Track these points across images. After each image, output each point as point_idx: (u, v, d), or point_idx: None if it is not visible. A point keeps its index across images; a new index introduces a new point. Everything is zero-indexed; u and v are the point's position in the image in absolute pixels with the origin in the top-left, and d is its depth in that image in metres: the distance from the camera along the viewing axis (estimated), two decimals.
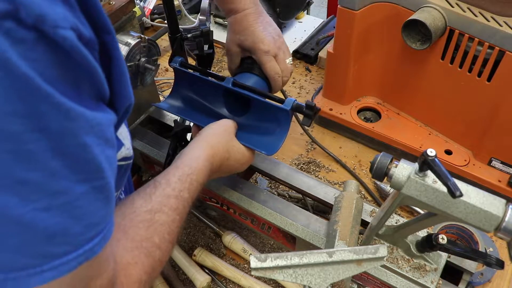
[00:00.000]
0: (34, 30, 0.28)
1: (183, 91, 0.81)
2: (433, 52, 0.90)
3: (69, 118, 0.32)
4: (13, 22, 0.27)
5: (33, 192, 0.31)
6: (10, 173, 0.30)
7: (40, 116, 0.30)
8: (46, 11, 0.28)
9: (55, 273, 0.34)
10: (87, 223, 0.36)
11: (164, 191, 0.55)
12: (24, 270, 0.33)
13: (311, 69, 1.31)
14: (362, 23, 0.94)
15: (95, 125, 0.34)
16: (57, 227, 0.33)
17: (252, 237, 0.93)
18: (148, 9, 1.39)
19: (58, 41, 0.30)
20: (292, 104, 0.70)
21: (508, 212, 0.51)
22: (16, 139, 0.29)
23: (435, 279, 0.65)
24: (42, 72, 0.29)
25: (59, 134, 0.31)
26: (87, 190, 0.35)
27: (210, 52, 0.81)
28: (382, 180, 0.59)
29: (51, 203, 0.32)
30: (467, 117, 0.94)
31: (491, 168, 0.94)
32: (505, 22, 0.79)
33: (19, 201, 0.31)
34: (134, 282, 0.46)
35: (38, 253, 0.33)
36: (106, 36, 0.37)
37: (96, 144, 0.35)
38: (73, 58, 0.31)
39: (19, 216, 0.31)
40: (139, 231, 0.50)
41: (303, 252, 0.48)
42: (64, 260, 0.34)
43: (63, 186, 0.33)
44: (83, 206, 0.35)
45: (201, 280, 0.83)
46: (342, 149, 1.08)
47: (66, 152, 0.32)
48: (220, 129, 0.70)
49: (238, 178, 0.83)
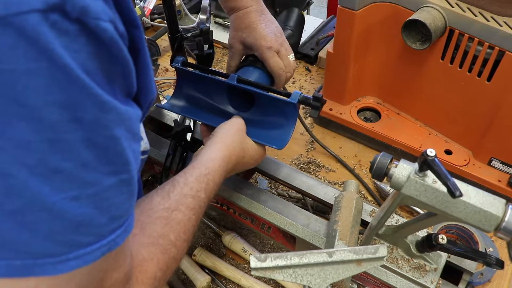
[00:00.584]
0: (77, 22, 0.29)
1: (186, 91, 0.81)
2: (433, 52, 0.90)
3: (103, 110, 0.33)
4: (59, 15, 0.28)
5: (65, 181, 0.32)
6: (46, 161, 0.31)
7: (77, 106, 0.31)
8: (89, 4, 0.29)
9: (80, 262, 0.35)
10: (112, 215, 0.36)
11: (182, 190, 0.56)
12: (51, 257, 0.34)
13: (311, 69, 1.31)
14: (362, 23, 0.94)
15: (125, 119, 0.35)
16: (85, 217, 0.34)
17: (252, 237, 0.93)
18: (148, 9, 1.39)
19: (98, 33, 0.31)
20: (299, 97, 0.71)
21: (508, 212, 0.51)
22: (54, 128, 0.30)
23: (435, 279, 0.65)
24: (82, 63, 0.30)
25: (93, 125, 0.32)
26: (115, 182, 0.36)
27: (210, 52, 0.81)
28: (382, 180, 0.59)
29: (81, 193, 0.33)
30: (467, 117, 0.94)
31: (491, 168, 0.94)
32: (505, 22, 0.79)
33: (51, 189, 0.32)
34: (148, 278, 0.46)
35: (65, 241, 0.34)
36: (134, 30, 0.37)
37: (125, 138, 0.35)
38: (110, 50, 0.32)
39: (51, 204, 0.32)
40: (156, 227, 0.50)
41: (303, 252, 0.48)
42: (89, 249, 0.35)
43: (93, 177, 0.34)
44: (109, 198, 0.36)
45: (201, 280, 0.83)
46: (342, 149, 1.08)
47: (97, 144, 0.33)
48: (233, 128, 0.70)
49: (238, 178, 0.83)
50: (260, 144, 0.73)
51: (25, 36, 0.27)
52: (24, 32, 0.27)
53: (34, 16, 0.27)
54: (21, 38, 0.27)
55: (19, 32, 0.27)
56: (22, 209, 0.31)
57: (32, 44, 0.28)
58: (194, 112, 0.80)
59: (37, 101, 0.29)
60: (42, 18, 0.27)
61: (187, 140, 0.86)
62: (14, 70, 0.28)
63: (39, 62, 0.28)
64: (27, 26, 0.27)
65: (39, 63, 0.28)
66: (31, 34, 0.27)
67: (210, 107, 0.79)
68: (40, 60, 0.28)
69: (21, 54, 0.27)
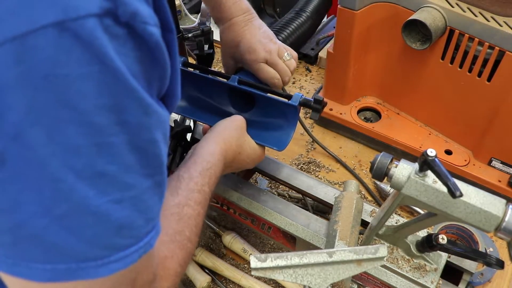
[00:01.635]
0: (126, 26, 0.30)
1: (187, 91, 0.81)
2: (433, 52, 0.90)
3: (146, 113, 0.33)
4: (111, 19, 0.28)
5: (108, 184, 0.32)
6: (92, 165, 0.31)
7: (123, 109, 0.31)
8: (139, 9, 0.30)
9: (120, 265, 0.35)
10: (148, 217, 0.37)
11: (188, 185, 0.57)
12: (94, 261, 0.34)
13: (311, 69, 1.31)
14: (362, 23, 0.94)
15: (162, 122, 0.36)
16: (126, 220, 0.34)
17: (252, 237, 0.93)
18: None
19: (145, 37, 0.31)
20: (300, 99, 0.71)
21: (508, 212, 0.51)
22: (102, 132, 0.31)
23: (435, 279, 0.65)
24: (130, 67, 0.31)
25: (137, 129, 0.33)
26: (151, 184, 0.36)
27: (211, 52, 0.81)
28: (382, 180, 0.59)
29: (123, 195, 0.34)
30: (467, 117, 0.94)
31: (491, 168, 0.94)
32: (505, 22, 0.79)
33: (97, 193, 0.32)
34: (171, 275, 0.47)
35: (108, 245, 0.34)
36: (168, 34, 0.37)
37: (162, 140, 0.36)
38: (154, 54, 0.33)
39: (95, 207, 0.32)
40: (171, 224, 0.51)
41: (303, 252, 0.48)
42: (127, 252, 0.35)
43: (133, 180, 0.34)
44: (146, 200, 0.36)
45: (201, 280, 0.83)
46: (342, 149, 1.08)
47: (140, 147, 0.34)
48: (232, 124, 0.70)
49: (238, 178, 0.83)
50: (260, 144, 0.73)
51: (81, 40, 0.27)
52: (81, 36, 0.27)
53: (90, 21, 0.27)
54: (77, 43, 0.27)
55: (75, 37, 0.27)
56: (68, 213, 0.31)
57: (87, 48, 0.28)
58: (195, 112, 0.80)
59: (87, 105, 0.29)
60: (97, 23, 0.28)
61: (187, 140, 0.86)
62: (68, 74, 0.28)
63: (92, 66, 0.28)
64: (84, 31, 0.27)
65: (92, 67, 0.28)
66: (87, 39, 0.27)
67: (211, 108, 0.79)
68: (93, 64, 0.28)
69: (76, 59, 0.28)
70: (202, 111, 0.80)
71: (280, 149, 0.72)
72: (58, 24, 0.26)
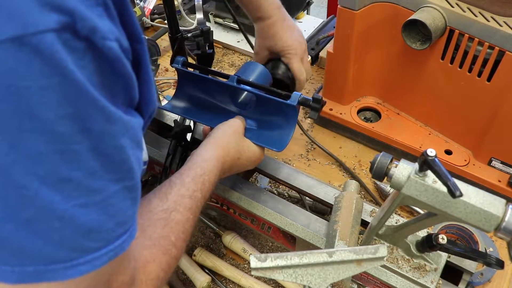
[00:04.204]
0: (85, 40, 0.31)
1: (187, 91, 0.81)
2: (433, 52, 0.90)
3: (110, 121, 0.34)
4: (70, 33, 0.30)
5: (74, 189, 0.34)
6: (57, 171, 0.32)
7: (86, 118, 0.32)
8: (97, 24, 0.31)
9: (89, 267, 0.36)
10: (118, 220, 0.38)
11: (179, 191, 0.57)
12: (62, 263, 0.35)
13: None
14: (362, 23, 0.94)
15: (129, 128, 0.37)
16: (93, 223, 0.35)
17: (252, 237, 0.93)
18: (148, 9, 1.39)
19: (104, 51, 0.32)
20: (298, 98, 0.71)
21: (508, 212, 0.51)
22: (65, 140, 0.32)
23: (435, 279, 0.65)
24: (89, 78, 0.32)
25: (100, 136, 0.34)
26: (120, 189, 0.37)
27: (211, 52, 0.81)
28: (382, 180, 0.59)
29: (89, 200, 0.35)
30: (467, 117, 0.94)
31: (491, 168, 0.94)
32: (505, 22, 0.79)
33: (62, 198, 0.33)
34: (152, 279, 0.48)
35: (75, 247, 0.35)
36: (137, 44, 0.39)
37: (130, 146, 0.37)
38: (114, 66, 0.34)
39: (61, 212, 0.33)
40: (156, 229, 0.51)
41: (303, 252, 0.48)
42: (97, 255, 0.37)
43: (99, 185, 0.35)
44: (115, 204, 0.37)
45: (201, 280, 0.83)
46: (342, 149, 1.08)
47: (104, 153, 0.35)
48: (230, 130, 0.71)
49: (238, 178, 0.83)
50: (259, 145, 0.73)
51: (40, 54, 0.28)
52: (40, 50, 0.28)
53: (49, 36, 0.29)
54: (36, 56, 0.28)
55: (35, 51, 0.28)
56: (35, 218, 0.32)
57: (46, 61, 0.29)
58: (195, 113, 0.80)
59: (49, 114, 0.30)
60: (55, 37, 0.29)
61: (187, 140, 0.86)
62: (29, 86, 0.29)
63: (52, 78, 0.29)
64: (43, 45, 0.28)
65: (52, 78, 0.29)
66: (46, 52, 0.29)
67: (213, 107, 0.79)
68: (53, 76, 0.29)
69: (36, 71, 0.29)
70: (203, 111, 0.80)
71: (279, 149, 0.72)
72: (16, 39, 0.28)
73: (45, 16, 0.28)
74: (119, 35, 0.34)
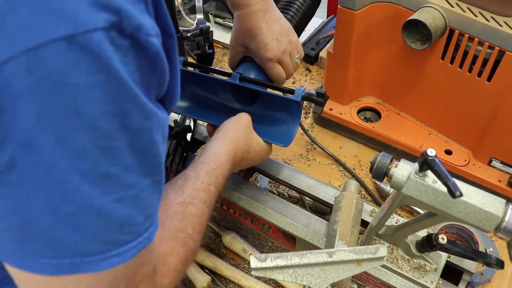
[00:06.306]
0: (129, 38, 0.32)
1: (189, 90, 0.81)
2: (433, 52, 0.90)
3: (147, 117, 0.35)
4: (116, 31, 0.31)
5: (111, 185, 0.35)
6: (97, 167, 0.33)
7: (126, 115, 0.33)
8: (141, 22, 0.32)
9: (121, 259, 0.37)
10: (147, 213, 0.39)
11: (194, 185, 0.58)
12: (96, 255, 0.36)
13: (311, 69, 1.31)
14: (362, 23, 0.94)
15: (161, 124, 0.38)
16: (127, 217, 0.37)
17: (252, 237, 0.93)
18: None
19: (147, 47, 0.33)
20: (302, 93, 0.71)
21: (508, 212, 0.51)
22: (106, 136, 0.33)
23: (435, 279, 0.65)
24: (132, 74, 0.33)
25: (138, 132, 0.35)
26: (150, 183, 0.38)
27: (210, 52, 0.81)
28: (382, 180, 0.59)
29: (124, 195, 0.36)
30: (467, 117, 0.94)
31: (491, 168, 0.94)
32: (505, 22, 0.79)
33: (100, 193, 0.34)
34: (170, 271, 0.49)
35: (109, 240, 0.36)
36: (168, 39, 0.39)
37: (160, 141, 0.39)
38: (154, 62, 0.35)
39: (99, 206, 0.34)
40: (173, 222, 0.53)
41: (303, 252, 0.48)
42: (128, 247, 0.38)
43: (134, 180, 0.36)
44: (146, 198, 0.38)
45: (201, 280, 0.83)
46: (342, 149, 1.08)
47: (140, 149, 0.36)
48: (239, 123, 0.71)
49: (238, 178, 0.83)
50: (266, 141, 0.74)
51: (89, 52, 0.29)
52: (89, 49, 0.29)
53: (98, 34, 0.29)
54: (85, 54, 0.29)
55: (84, 49, 0.29)
56: (74, 212, 0.34)
57: (94, 59, 0.30)
58: (198, 112, 0.80)
59: (94, 111, 0.31)
60: (104, 36, 0.30)
61: (187, 140, 0.86)
62: (77, 84, 0.30)
63: (98, 75, 0.30)
64: (92, 44, 0.29)
65: (98, 76, 0.30)
66: (95, 51, 0.29)
67: (215, 105, 0.79)
68: (99, 73, 0.30)
69: (84, 69, 0.30)
70: (205, 110, 0.80)
71: (285, 145, 0.73)
72: (67, 38, 0.28)
73: (94, 15, 0.29)
74: (158, 30, 0.35)
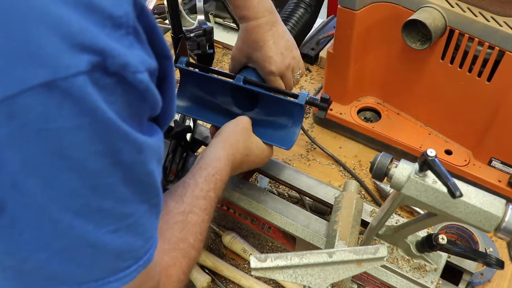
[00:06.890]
0: (114, 76, 0.30)
1: (190, 91, 0.81)
2: (433, 52, 0.90)
3: (140, 151, 0.34)
4: (100, 72, 0.29)
5: (105, 218, 0.34)
6: (89, 204, 0.33)
7: (117, 152, 0.32)
8: (129, 59, 0.31)
9: (120, 283, 0.37)
10: (146, 237, 0.39)
11: (193, 192, 0.58)
12: (94, 282, 0.36)
13: (311, 69, 1.31)
14: (362, 23, 0.94)
15: (155, 150, 0.37)
16: (124, 245, 0.37)
17: (252, 237, 0.93)
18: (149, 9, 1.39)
19: (134, 84, 0.32)
20: (306, 98, 0.71)
21: (508, 212, 0.51)
22: (97, 175, 0.32)
23: (435, 279, 0.65)
24: (119, 112, 0.32)
25: (131, 166, 0.34)
26: (147, 208, 0.38)
27: (211, 52, 0.81)
28: (382, 180, 0.59)
29: (120, 225, 0.36)
30: (467, 117, 0.94)
31: (491, 168, 0.94)
32: (505, 22, 0.79)
33: (94, 227, 0.34)
34: (173, 282, 0.49)
35: (108, 268, 0.36)
36: (164, 60, 0.38)
37: (155, 167, 0.38)
38: (143, 96, 0.34)
39: (94, 240, 0.34)
40: (174, 232, 0.52)
41: (303, 252, 0.48)
42: (128, 272, 0.38)
43: (130, 210, 0.36)
44: (144, 223, 0.38)
45: (201, 280, 0.83)
46: (342, 149, 1.08)
47: (134, 180, 0.35)
48: (238, 127, 0.71)
49: (238, 178, 0.83)
50: (267, 144, 0.74)
51: (71, 97, 0.28)
52: (71, 93, 0.28)
53: (80, 79, 0.28)
54: (67, 99, 0.28)
55: (65, 94, 0.28)
56: (68, 247, 0.33)
57: (77, 103, 0.29)
58: (198, 112, 0.81)
59: (81, 153, 0.31)
60: (86, 79, 0.29)
61: (187, 140, 0.86)
62: (61, 128, 0.29)
63: (83, 118, 0.29)
64: (74, 88, 0.28)
65: (83, 119, 0.29)
66: (77, 95, 0.28)
67: (215, 107, 0.79)
68: (84, 116, 0.29)
69: (67, 113, 0.29)
70: (205, 110, 0.80)
71: (287, 147, 0.73)
72: (47, 84, 0.27)
73: (75, 58, 0.28)
74: (149, 61, 0.34)
